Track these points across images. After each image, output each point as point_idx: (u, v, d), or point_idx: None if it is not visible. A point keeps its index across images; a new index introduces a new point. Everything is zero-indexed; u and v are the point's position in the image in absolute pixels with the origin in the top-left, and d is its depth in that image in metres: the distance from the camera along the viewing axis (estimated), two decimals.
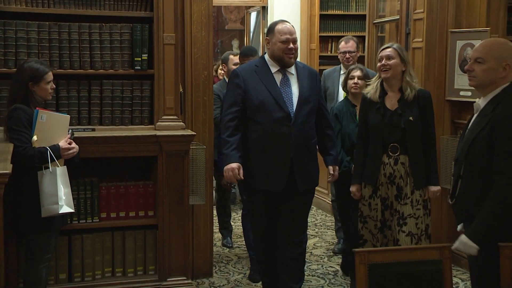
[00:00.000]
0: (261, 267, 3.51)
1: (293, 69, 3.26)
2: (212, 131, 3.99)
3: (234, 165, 3.11)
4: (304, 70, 3.31)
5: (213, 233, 4.16)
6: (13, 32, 3.32)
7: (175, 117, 3.52)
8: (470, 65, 2.50)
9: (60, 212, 2.95)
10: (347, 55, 4.61)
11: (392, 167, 3.26)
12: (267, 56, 3.29)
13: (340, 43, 4.72)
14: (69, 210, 3.00)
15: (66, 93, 3.44)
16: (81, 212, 3.40)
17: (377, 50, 5.62)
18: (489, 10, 3.97)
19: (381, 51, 3.33)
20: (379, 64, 3.30)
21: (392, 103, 3.29)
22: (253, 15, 8.27)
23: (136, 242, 3.53)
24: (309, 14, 6.63)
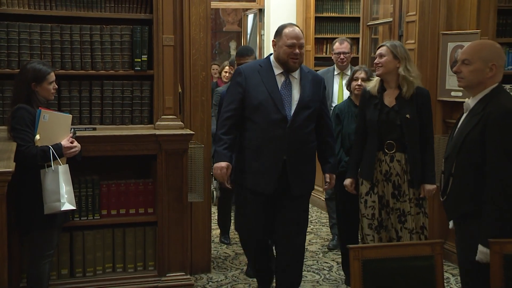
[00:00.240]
0: (255, 267, 3.49)
1: (297, 73, 3.21)
2: (210, 130, 4.01)
3: (223, 164, 3.12)
4: (308, 75, 3.25)
5: (211, 230, 4.18)
6: (16, 33, 3.34)
7: (174, 116, 3.53)
8: (457, 67, 2.54)
9: (62, 209, 2.96)
10: (341, 56, 4.60)
11: (388, 164, 3.27)
12: (272, 58, 3.24)
13: (334, 44, 4.69)
14: (71, 207, 3.02)
15: (68, 93, 3.46)
16: (83, 209, 3.41)
17: (371, 51, 5.72)
18: (479, 12, 4.00)
19: (376, 50, 3.38)
20: (374, 61, 3.35)
21: (390, 99, 3.29)
22: (250, 17, 8.32)
23: (136, 239, 3.55)
24: (305, 16, 6.67)
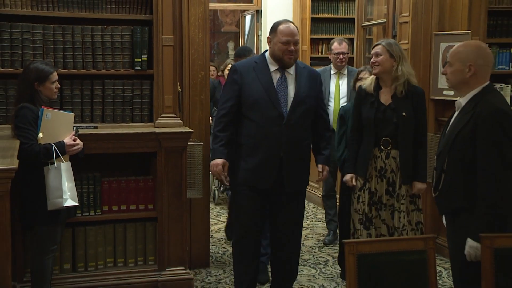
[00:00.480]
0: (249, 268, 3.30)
1: (292, 69, 3.18)
2: (209, 129, 4.07)
3: (219, 161, 3.11)
4: (304, 71, 3.22)
5: (210, 226, 4.22)
6: (19, 34, 3.37)
7: (173, 115, 3.57)
8: (444, 69, 2.62)
9: (64, 206, 3.01)
10: (341, 56, 4.54)
11: (384, 161, 3.29)
12: (267, 54, 3.21)
13: (332, 44, 4.62)
14: (73, 204, 3.06)
15: (70, 92, 3.50)
16: (85, 205, 3.46)
17: (365, 51, 5.79)
18: (470, 14, 4.05)
19: (372, 49, 3.40)
20: (371, 61, 3.38)
21: (386, 98, 3.31)
22: (248, 18, 8.37)
23: (137, 234, 3.60)
24: (301, 17, 6.71)
